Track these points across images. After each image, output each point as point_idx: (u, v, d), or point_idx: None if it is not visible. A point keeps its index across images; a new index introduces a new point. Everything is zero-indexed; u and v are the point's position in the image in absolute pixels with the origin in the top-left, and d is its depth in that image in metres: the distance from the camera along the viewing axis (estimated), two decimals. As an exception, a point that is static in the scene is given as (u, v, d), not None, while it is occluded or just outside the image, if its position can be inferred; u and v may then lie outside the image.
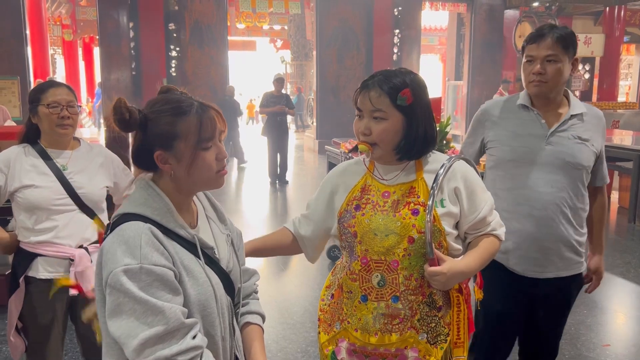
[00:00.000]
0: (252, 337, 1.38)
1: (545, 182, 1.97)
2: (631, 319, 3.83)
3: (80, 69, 20.50)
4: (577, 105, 2.00)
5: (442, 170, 1.45)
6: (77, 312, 2.17)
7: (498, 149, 2.05)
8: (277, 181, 8.55)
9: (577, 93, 13.92)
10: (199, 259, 1.24)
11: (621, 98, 13.58)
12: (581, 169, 1.98)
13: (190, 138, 1.20)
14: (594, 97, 13.70)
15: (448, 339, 1.50)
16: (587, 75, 14.33)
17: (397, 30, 11.90)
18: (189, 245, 1.22)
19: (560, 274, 2.03)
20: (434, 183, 1.44)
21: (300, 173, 9.87)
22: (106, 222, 2.23)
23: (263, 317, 1.44)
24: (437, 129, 1.56)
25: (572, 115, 1.98)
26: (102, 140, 12.22)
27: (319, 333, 1.64)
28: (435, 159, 1.53)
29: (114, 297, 1.10)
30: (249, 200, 7.90)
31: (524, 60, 2.00)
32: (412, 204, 1.47)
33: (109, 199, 2.32)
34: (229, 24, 11.91)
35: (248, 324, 1.40)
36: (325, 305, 1.65)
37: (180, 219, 1.23)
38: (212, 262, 1.27)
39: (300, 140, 14.99)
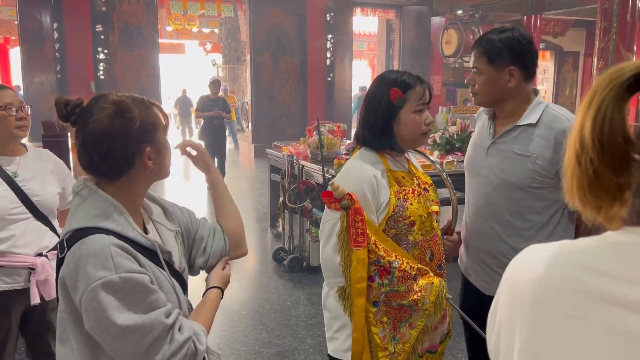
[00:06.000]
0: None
1: (481, 195, 1.89)
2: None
3: (-5, 71, 19.28)
4: (530, 116, 1.78)
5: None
6: (29, 323, 2.10)
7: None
8: (214, 186, 8.43)
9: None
10: (161, 265, 1.21)
11: (538, 101, 14.47)
12: (516, 187, 1.77)
13: (162, 127, 1.22)
14: (514, 101, 14.48)
15: None
16: (507, 80, 15.15)
17: (330, 35, 12.09)
18: (149, 253, 1.19)
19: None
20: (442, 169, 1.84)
21: (238, 177, 9.80)
22: (58, 227, 2.17)
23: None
24: None
25: (516, 126, 1.80)
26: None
27: None
28: None
29: (94, 316, 1.06)
30: (187, 206, 7.72)
31: None
32: (422, 185, 1.74)
33: None
34: (159, 25, 11.63)
35: None
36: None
37: (137, 227, 1.19)
38: (169, 266, 1.26)
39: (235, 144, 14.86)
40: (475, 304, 1.97)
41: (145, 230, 1.27)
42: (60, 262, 1.13)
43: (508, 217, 1.81)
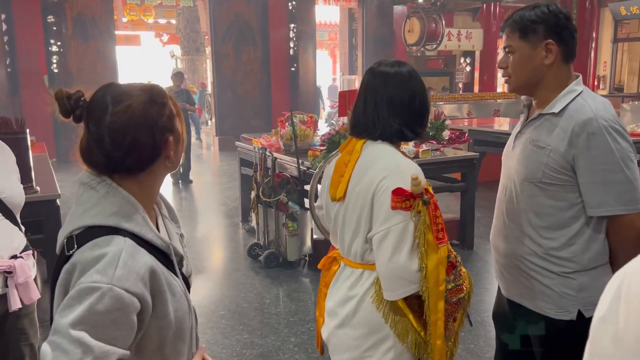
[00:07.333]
0: None
1: (503, 187, 1.73)
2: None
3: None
4: (556, 105, 1.58)
5: None
6: (5, 328, 1.93)
7: None
8: (180, 181, 8.20)
9: (461, 85, 14.85)
10: (174, 270, 1.11)
11: (499, 89, 14.66)
12: (528, 181, 1.60)
13: (177, 115, 1.14)
14: (476, 89, 14.67)
15: None
16: (468, 68, 15.33)
17: (292, 25, 11.91)
18: (162, 256, 1.08)
19: (524, 302, 1.68)
20: None
21: (203, 171, 9.56)
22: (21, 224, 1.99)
23: None
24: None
25: (541, 115, 1.61)
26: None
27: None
28: None
29: (72, 303, 0.95)
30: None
31: None
32: None
33: None
34: (115, 17, 11.20)
35: None
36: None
37: (153, 227, 1.09)
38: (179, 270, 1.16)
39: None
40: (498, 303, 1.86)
41: (157, 228, 1.17)
42: (64, 260, 1.01)
43: (522, 215, 1.63)
